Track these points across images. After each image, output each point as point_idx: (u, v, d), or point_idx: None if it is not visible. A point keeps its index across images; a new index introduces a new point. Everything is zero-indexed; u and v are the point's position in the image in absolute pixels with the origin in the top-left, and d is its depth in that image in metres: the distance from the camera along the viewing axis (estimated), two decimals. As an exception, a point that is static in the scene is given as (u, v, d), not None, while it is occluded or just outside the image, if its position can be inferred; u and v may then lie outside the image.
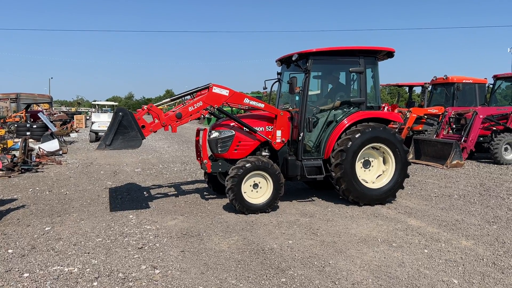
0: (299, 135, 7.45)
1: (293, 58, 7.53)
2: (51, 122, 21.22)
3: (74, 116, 34.49)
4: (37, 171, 11.23)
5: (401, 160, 7.64)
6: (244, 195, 6.89)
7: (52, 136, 16.34)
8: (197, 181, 9.89)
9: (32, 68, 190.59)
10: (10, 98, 28.31)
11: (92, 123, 21.05)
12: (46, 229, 6.11)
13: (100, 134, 20.25)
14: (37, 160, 12.28)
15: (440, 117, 14.49)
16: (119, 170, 11.57)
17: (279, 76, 8.52)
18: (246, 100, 7.31)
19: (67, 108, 65.14)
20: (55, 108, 54.13)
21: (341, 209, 7.32)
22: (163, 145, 18.76)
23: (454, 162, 11.84)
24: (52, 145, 14.80)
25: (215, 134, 7.42)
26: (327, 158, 7.53)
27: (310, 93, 7.80)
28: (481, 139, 13.23)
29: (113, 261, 4.89)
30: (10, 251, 5.21)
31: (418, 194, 8.53)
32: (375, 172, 7.82)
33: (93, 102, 31.48)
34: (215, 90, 7.05)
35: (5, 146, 14.03)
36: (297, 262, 4.90)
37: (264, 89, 8.65)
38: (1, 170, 10.54)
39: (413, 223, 6.49)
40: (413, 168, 11.45)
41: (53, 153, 14.15)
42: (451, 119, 13.92)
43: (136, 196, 8.31)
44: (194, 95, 7.28)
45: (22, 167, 11.11)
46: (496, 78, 15.33)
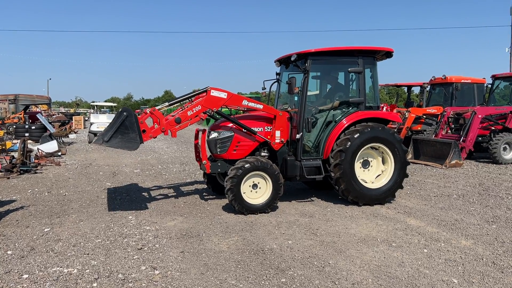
0: (298, 136, 7.45)
1: (292, 59, 7.54)
2: (50, 123, 21.18)
3: (73, 117, 34.45)
4: (36, 172, 11.22)
5: (400, 160, 7.65)
6: (244, 196, 6.89)
7: (51, 137, 16.33)
8: (197, 182, 9.88)
9: (31, 69, 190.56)
10: (9, 99, 28.28)
11: (91, 124, 21.00)
12: (45, 230, 6.10)
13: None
14: (36, 161, 12.26)
15: (439, 117, 14.51)
16: (118, 171, 11.56)
17: (278, 77, 8.52)
18: (245, 102, 7.33)
19: (66, 109, 65.08)
20: (54, 109, 54.06)
21: (341, 209, 7.32)
22: (162, 146, 18.75)
23: (453, 162, 11.86)
24: (51, 146, 14.78)
25: (214, 135, 7.42)
26: (326, 158, 7.53)
27: (309, 94, 7.81)
28: (480, 139, 13.25)
29: (113, 262, 4.89)
30: (9, 253, 5.20)
31: (417, 194, 8.54)
32: (374, 172, 7.82)
33: (92, 103, 31.49)
34: (213, 93, 7.06)
35: (4, 147, 14.02)
36: (297, 262, 4.90)
37: (263, 90, 8.65)
38: (0, 172, 10.53)
39: (413, 223, 6.49)
40: (412, 168, 11.47)
41: (52, 154, 14.13)
42: (450, 119, 13.94)
43: (135, 197, 8.30)
44: (193, 99, 7.28)
45: (21, 168, 11.09)
46: (495, 78, 15.36)
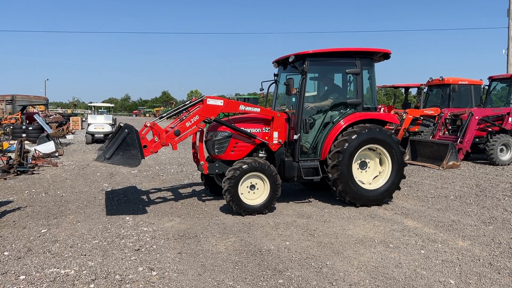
0: (296, 137, 7.45)
1: (290, 60, 7.54)
2: (47, 124, 21.11)
3: (70, 118, 34.37)
4: (33, 173, 11.19)
5: (398, 161, 7.66)
6: (241, 197, 6.89)
7: (48, 138, 16.28)
8: (194, 183, 9.87)
9: (28, 70, 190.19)
10: (6, 100, 28.14)
11: (88, 125, 20.97)
12: (42, 231, 6.08)
13: (96, 136, 20.17)
14: (33, 162, 12.23)
15: (436, 118, 14.55)
16: (116, 172, 11.54)
17: (276, 78, 8.53)
18: (242, 107, 7.40)
19: (63, 110, 64.94)
20: (51, 110, 53.95)
21: (338, 210, 7.33)
22: (160, 147, 18.69)
23: (450, 163, 11.89)
24: (48, 147, 14.74)
25: (212, 136, 7.42)
26: (324, 159, 7.54)
27: (307, 95, 7.82)
28: (477, 140, 13.28)
29: (110, 263, 4.88)
30: (6, 254, 5.18)
31: (415, 195, 8.55)
32: (372, 173, 7.84)
33: (89, 104, 31.39)
34: (210, 102, 7.10)
35: (1, 148, 13.98)
36: (294, 263, 4.90)
37: (261, 91, 8.67)
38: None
39: (410, 224, 6.50)
40: (410, 169, 11.49)
41: (49, 155, 14.09)
42: (447, 120, 13.98)
43: (133, 198, 8.29)
44: (189, 109, 7.30)
45: (18, 169, 11.06)
46: (492, 80, 15.42)
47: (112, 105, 30.61)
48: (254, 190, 7.05)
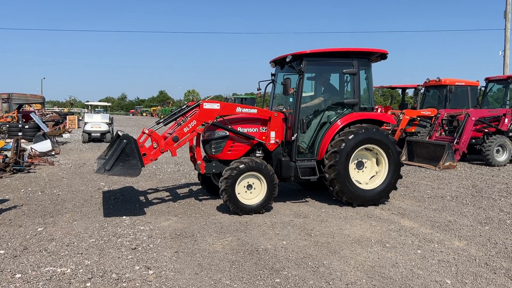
0: (293, 136, 7.46)
1: (287, 59, 7.55)
2: (44, 123, 21.04)
3: (67, 117, 34.26)
4: (29, 172, 11.15)
5: (394, 161, 7.68)
6: (238, 196, 6.89)
7: (45, 137, 16.21)
8: (191, 182, 9.87)
9: (24, 68, 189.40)
10: (2, 98, 28.03)
11: (85, 124, 20.90)
12: (39, 230, 6.06)
13: (93, 135, 20.12)
14: (29, 161, 12.18)
15: (433, 119, 14.59)
16: (112, 171, 11.49)
17: (273, 77, 8.54)
18: (239, 109, 7.42)
19: (60, 109, 64.69)
20: (48, 109, 53.75)
21: (335, 210, 7.34)
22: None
23: (447, 164, 11.93)
24: (45, 146, 14.68)
25: (209, 135, 7.41)
26: (321, 159, 7.55)
27: (304, 95, 7.83)
28: (473, 141, 13.33)
29: (107, 262, 4.87)
30: (2, 252, 5.16)
31: (411, 195, 8.58)
32: (369, 173, 7.85)
33: (86, 103, 31.27)
34: (206, 106, 7.10)
35: (-3, 147, 13.89)
36: (291, 263, 4.90)
37: (258, 90, 8.67)
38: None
39: (406, 224, 6.52)
40: (406, 170, 11.52)
41: (46, 154, 14.04)
42: (444, 121, 14.02)
43: (130, 197, 8.27)
44: (186, 114, 7.29)
45: (14, 168, 11.02)
46: (488, 81, 15.47)
47: (109, 104, 30.52)
48: (251, 190, 7.05)
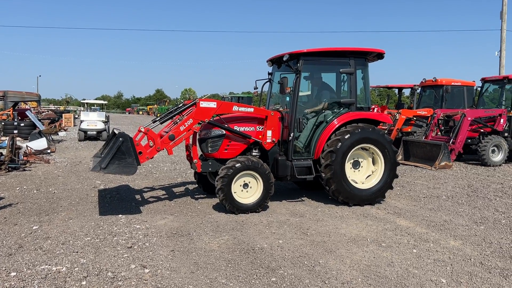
0: (290, 136, 7.46)
1: (284, 59, 7.55)
2: (39, 121, 20.95)
3: (63, 115, 34.10)
4: (25, 170, 11.10)
5: (390, 161, 7.70)
6: (234, 195, 6.89)
7: (40, 135, 16.14)
8: (187, 181, 9.85)
9: (20, 66, 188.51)
10: (-3, 96, 27.87)
11: (81, 122, 20.83)
12: (34, 228, 6.04)
13: (89, 133, 20.05)
14: (25, 159, 12.12)
15: (429, 119, 14.64)
16: (108, 169, 11.46)
17: (270, 76, 8.52)
18: (235, 108, 7.42)
19: (56, 107, 64.31)
20: (43, 107, 53.44)
21: (331, 209, 7.35)
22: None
23: (443, 164, 11.97)
24: (40, 144, 14.62)
25: (205, 134, 7.40)
26: (317, 159, 7.56)
27: (301, 94, 7.83)
28: (469, 141, 13.38)
29: (102, 260, 4.85)
30: (-3, 250, 5.14)
31: (407, 195, 8.60)
32: (365, 173, 7.87)
33: (82, 101, 31.22)
34: (203, 105, 7.09)
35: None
36: (287, 262, 4.91)
37: (255, 89, 8.66)
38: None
39: (402, 223, 6.54)
40: (402, 169, 11.55)
41: (41, 152, 13.99)
42: (440, 121, 14.07)
43: (126, 196, 8.25)
44: (182, 113, 7.27)
45: (9, 166, 10.96)
46: (484, 81, 15.52)
47: (105, 102, 30.50)
48: (247, 189, 7.05)
